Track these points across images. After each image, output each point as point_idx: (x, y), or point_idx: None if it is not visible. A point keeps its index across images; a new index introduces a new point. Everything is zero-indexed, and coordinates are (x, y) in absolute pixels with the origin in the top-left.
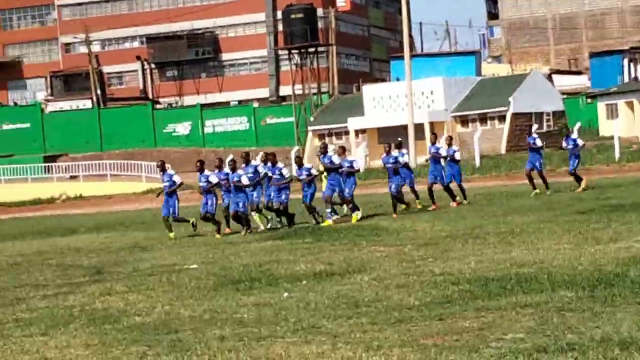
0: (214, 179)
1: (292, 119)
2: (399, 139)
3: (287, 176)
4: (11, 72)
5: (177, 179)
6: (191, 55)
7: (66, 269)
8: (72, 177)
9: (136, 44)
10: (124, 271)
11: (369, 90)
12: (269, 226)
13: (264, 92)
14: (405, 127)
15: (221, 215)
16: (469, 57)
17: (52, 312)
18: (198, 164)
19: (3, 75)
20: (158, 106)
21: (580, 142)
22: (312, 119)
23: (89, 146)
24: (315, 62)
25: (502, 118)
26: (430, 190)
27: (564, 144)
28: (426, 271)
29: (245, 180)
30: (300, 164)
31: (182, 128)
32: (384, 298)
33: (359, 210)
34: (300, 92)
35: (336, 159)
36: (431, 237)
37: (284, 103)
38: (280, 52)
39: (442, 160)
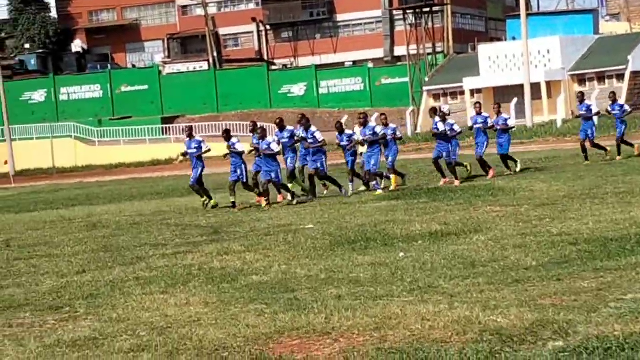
0: (239, 147)
1: (406, 79)
2: (445, 107)
3: (320, 140)
4: (129, 35)
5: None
6: (306, 16)
7: (184, 229)
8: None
9: (252, 5)
10: (241, 231)
11: (485, 50)
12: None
13: (378, 53)
14: (521, 87)
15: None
16: (587, 15)
17: (172, 271)
18: (224, 134)
19: (122, 38)
20: (273, 67)
21: (627, 107)
22: (426, 79)
23: (205, 107)
24: (430, 21)
25: (620, 77)
26: (480, 161)
27: (609, 109)
28: (543, 231)
29: (275, 147)
30: (341, 130)
31: (297, 89)
32: (500, 258)
33: (393, 178)
34: (415, 52)
35: (379, 130)
36: (548, 197)
37: (398, 63)
38: (395, 12)
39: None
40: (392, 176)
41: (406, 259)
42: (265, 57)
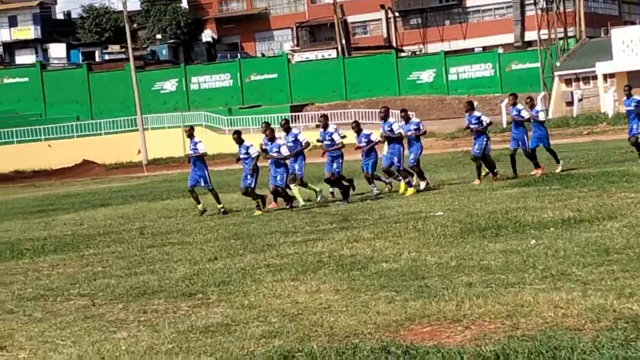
0: (252, 151)
1: (537, 64)
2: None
3: (338, 142)
4: (259, 24)
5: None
6: (435, 3)
7: (314, 216)
8: (317, 126)
9: None
10: (370, 218)
11: (619, 34)
12: (318, 198)
13: (508, 38)
14: None
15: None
16: None
17: (302, 258)
18: (235, 136)
19: (251, 27)
20: (402, 54)
21: None
22: (558, 64)
23: (334, 95)
24: (561, 5)
25: None
26: (512, 157)
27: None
28: None
29: (285, 151)
30: (358, 130)
31: (426, 76)
32: (635, 245)
33: (415, 183)
34: (546, 36)
35: (396, 127)
36: None
37: (529, 48)
38: None
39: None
40: (402, 183)
41: (538, 246)
42: (394, 44)
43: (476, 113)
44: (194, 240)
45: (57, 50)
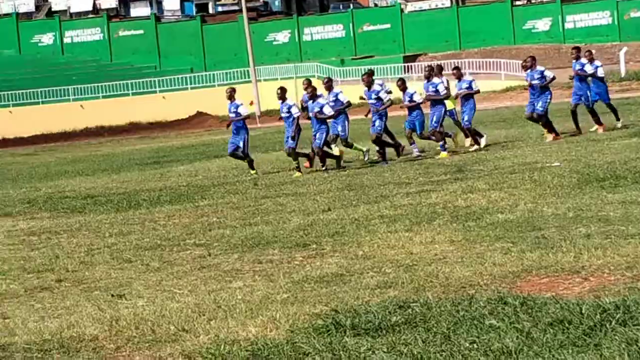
0: (295, 110)
1: None
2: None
3: (386, 100)
4: None
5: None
6: None
7: (428, 167)
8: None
9: None
10: (485, 169)
11: None
12: (365, 158)
13: None
14: None
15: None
16: None
17: (416, 209)
18: (279, 92)
19: None
20: (517, 3)
21: None
22: None
23: (447, 45)
24: None
25: None
26: (574, 113)
27: None
28: None
29: (328, 111)
30: (404, 88)
31: (542, 24)
32: None
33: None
34: None
35: (442, 89)
36: None
37: None
38: None
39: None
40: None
41: None
42: None
43: (539, 68)
44: (307, 191)
45: (171, 3)
